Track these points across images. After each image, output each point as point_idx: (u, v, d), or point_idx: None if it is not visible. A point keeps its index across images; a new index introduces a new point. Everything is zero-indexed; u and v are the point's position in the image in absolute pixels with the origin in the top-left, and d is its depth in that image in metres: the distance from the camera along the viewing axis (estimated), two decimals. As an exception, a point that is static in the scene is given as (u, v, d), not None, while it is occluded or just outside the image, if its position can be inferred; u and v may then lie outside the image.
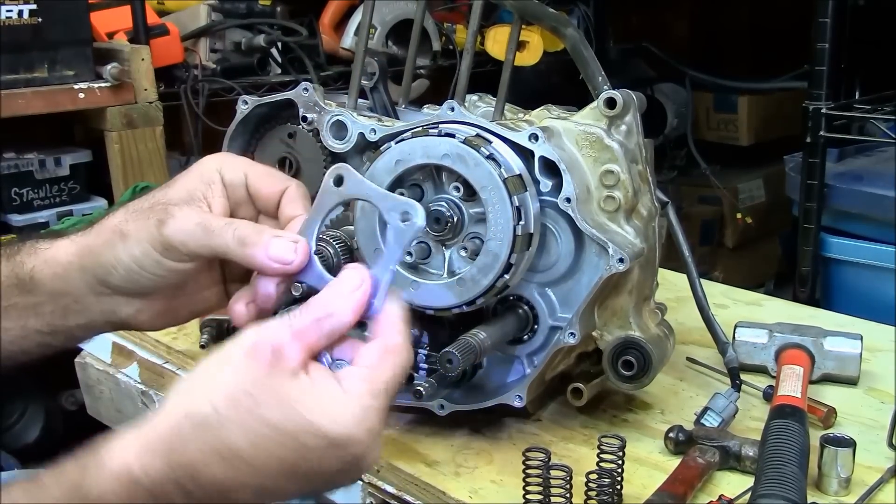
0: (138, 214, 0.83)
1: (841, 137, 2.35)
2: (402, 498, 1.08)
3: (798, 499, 0.91)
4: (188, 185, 0.84)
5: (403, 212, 0.80)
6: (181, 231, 0.80)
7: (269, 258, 0.79)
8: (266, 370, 0.67)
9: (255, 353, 0.67)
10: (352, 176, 0.84)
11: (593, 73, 1.24)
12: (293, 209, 0.86)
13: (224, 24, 2.78)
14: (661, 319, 1.18)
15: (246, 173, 0.86)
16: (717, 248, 3.81)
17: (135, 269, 0.82)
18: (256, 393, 0.66)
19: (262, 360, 0.67)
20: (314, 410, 0.66)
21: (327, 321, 0.72)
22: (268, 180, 0.87)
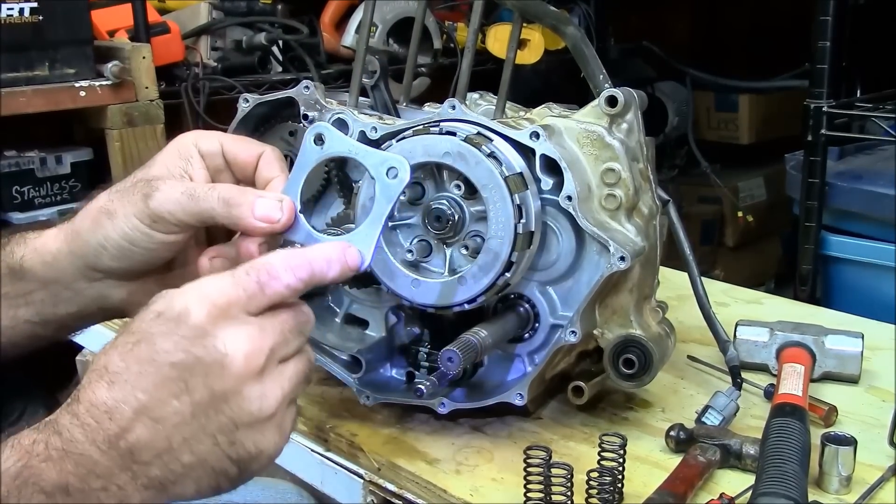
0: (122, 193, 0.84)
1: (842, 136, 2.35)
2: (403, 496, 1.08)
3: (799, 497, 0.91)
4: (167, 161, 0.86)
5: (390, 167, 0.82)
6: (168, 201, 0.82)
7: (255, 218, 0.81)
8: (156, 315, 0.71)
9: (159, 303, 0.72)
10: (332, 133, 0.85)
11: (594, 71, 1.24)
12: (270, 171, 0.88)
13: (225, 22, 2.78)
14: (661, 318, 1.18)
15: (221, 142, 0.88)
16: (717, 247, 3.81)
17: (125, 246, 0.83)
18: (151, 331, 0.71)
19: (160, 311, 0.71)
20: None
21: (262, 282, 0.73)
22: (243, 146, 0.89)
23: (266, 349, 0.71)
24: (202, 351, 0.69)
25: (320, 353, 1.19)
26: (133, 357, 0.70)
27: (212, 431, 0.70)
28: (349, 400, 1.21)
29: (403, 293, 1.08)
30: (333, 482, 1.16)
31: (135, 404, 0.69)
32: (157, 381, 0.69)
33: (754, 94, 3.79)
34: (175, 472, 0.70)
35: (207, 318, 0.70)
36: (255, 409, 0.71)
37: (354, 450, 1.14)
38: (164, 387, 0.69)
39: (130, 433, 0.69)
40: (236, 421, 0.71)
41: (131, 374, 0.69)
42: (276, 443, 0.74)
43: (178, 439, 0.69)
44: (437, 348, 1.13)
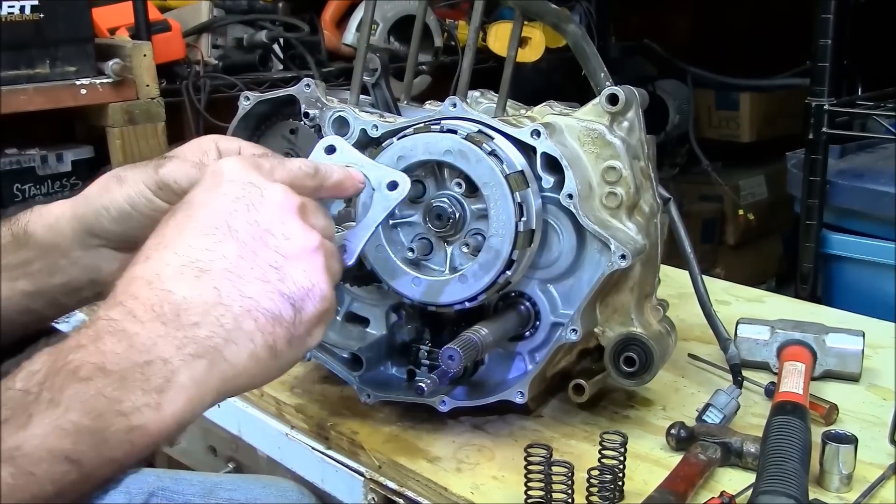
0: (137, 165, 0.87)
1: (843, 134, 2.35)
2: (404, 494, 1.08)
3: (799, 495, 0.91)
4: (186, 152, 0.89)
5: (391, 181, 0.88)
6: (177, 170, 0.83)
7: None
8: None
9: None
10: (343, 146, 0.90)
11: (595, 69, 1.24)
12: None
13: (226, 20, 2.78)
14: (662, 316, 1.18)
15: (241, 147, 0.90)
16: (718, 245, 3.81)
17: (126, 209, 0.85)
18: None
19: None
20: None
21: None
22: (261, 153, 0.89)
23: (298, 199, 0.72)
24: (239, 190, 0.69)
25: (321, 351, 1.19)
26: (170, 226, 0.69)
27: (260, 268, 0.68)
28: (350, 398, 1.21)
29: (404, 291, 1.08)
30: (334, 480, 1.16)
31: (176, 262, 0.66)
32: (197, 232, 0.68)
33: (755, 93, 3.78)
34: (226, 327, 0.66)
35: (241, 168, 0.71)
36: (301, 238, 0.70)
37: (355, 448, 1.14)
38: (207, 235, 0.68)
39: (174, 292, 0.65)
40: (283, 251, 0.69)
41: (169, 239, 0.68)
42: (325, 279, 0.71)
43: (226, 286, 0.66)
44: (437, 346, 1.13)
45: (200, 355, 0.65)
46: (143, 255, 0.68)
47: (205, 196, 0.71)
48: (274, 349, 0.68)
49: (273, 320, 0.68)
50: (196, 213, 0.69)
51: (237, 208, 0.69)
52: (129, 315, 0.64)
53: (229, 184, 0.71)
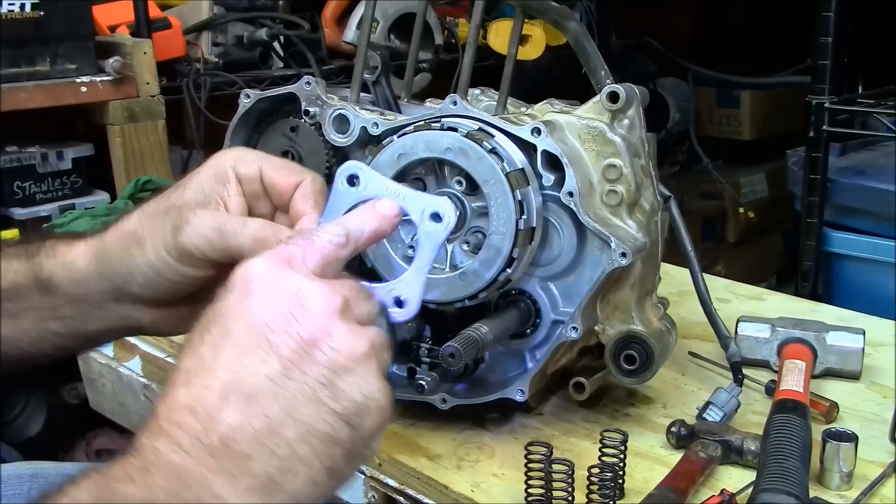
0: (153, 219, 0.81)
1: (843, 132, 2.35)
2: (404, 491, 1.08)
3: (800, 493, 0.91)
4: (203, 184, 0.82)
5: (433, 212, 0.75)
6: (196, 236, 0.78)
7: None
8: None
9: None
10: (368, 175, 0.77)
11: (596, 67, 1.23)
12: (304, 205, 0.82)
13: (226, 17, 2.78)
14: (663, 314, 1.18)
15: (261, 167, 0.83)
16: (719, 243, 3.81)
17: (152, 277, 0.81)
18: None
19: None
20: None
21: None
22: (283, 173, 0.83)
23: (340, 296, 0.65)
24: (277, 299, 0.63)
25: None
26: (206, 344, 0.63)
27: (310, 386, 0.62)
28: (350, 396, 1.21)
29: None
30: (335, 478, 1.16)
31: (218, 387, 0.61)
32: (237, 352, 0.62)
33: (756, 91, 3.78)
34: (280, 457, 0.61)
35: (272, 268, 0.64)
36: (348, 346, 0.64)
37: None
38: (247, 355, 0.62)
39: (220, 422, 0.60)
40: (332, 365, 0.63)
41: (207, 360, 0.62)
42: (380, 388, 0.65)
43: (275, 410, 0.61)
44: (438, 344, 1.12)
45: (256, 489, 0.61)
46: (183, 378, 0.63)
47: (238, 308, 0.64)
48: (332, 470, 0.63)
49: (329, 442, 0.62)
50: (232, 329, 0.63)
51: (276, 320, 0.63)
52: (176, 446, 0.60)
53: (263, 292, 0.64)
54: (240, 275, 0.65)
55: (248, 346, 0.62)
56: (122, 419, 1.54)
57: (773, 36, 3.71)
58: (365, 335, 0.65)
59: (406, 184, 1.04)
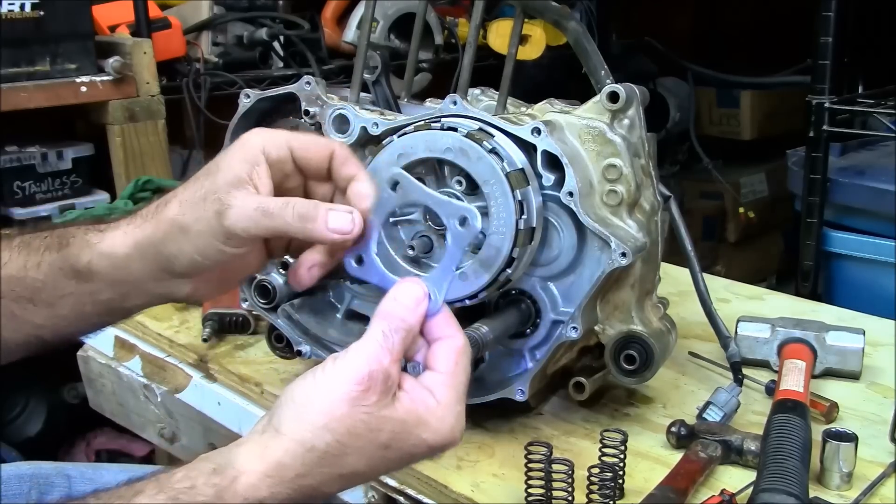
0: (194, 206, 0.84)
1: (844, 132, 2.35)
2: (404, 492, 1.08)
3: (800, 493, 0.91)
4: (234, 167, 0.85)
5: (461, 217, 0.84)
6: (242, 218, 0.82)
7: (328, 230, 0.83)
8: (377, 400, 0.74)
9: (370, 385, 0.74)
10: (407, 181, 0.88)
11: (596, 67, 1.24)
12: (348, 170, 0.87)
13: (226, 17, 2.78)
14: (663, 314, 1.18)
15: (290, 147, 0.87)
16: (719, 243, 3.80)
17: (197, 259, 0.85)
18: (373, 423, 0.74)
19: (376, 391, 0.74)
20: (420, 426, 0.76)
21: (407, 336, 0.78)
22: (314, 148, 0.88)
23: (455, 433, 0.78)
24: (388, 438, 0.76)
25: (321, 348, 1.19)
26: (317, 466, 0.75)
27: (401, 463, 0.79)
28: (350, 395, 1.21)
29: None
30: (334, 478, 1.16)
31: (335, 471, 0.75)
32: (349, 478, 0.76)
33: (756, 90, 3.78)
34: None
35: (445, 438, 0.77)
36: (446, 448, 0.79)
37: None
38: (364, 456, 0.75)
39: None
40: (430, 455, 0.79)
41: (318, 480, 0.75)
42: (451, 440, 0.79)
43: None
44: (438, 344, 1.12)
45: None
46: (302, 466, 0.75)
47: (354, 452, 0.75)
48: None
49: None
50: (346, 465, 0.75)
51: (390, 456, 0.77)
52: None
53: (375, 433, 0.75)
54: (421, 441, 0.77)
55: (360, 475, 0.77)
56: (122, 419, 1.54)
57: (773, 36, 3.70)
58: (458, 434, 0.78)
59: None
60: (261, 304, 1.21)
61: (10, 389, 2.44)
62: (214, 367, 1.36)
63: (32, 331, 0.89)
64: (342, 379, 0.74)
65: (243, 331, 1.44)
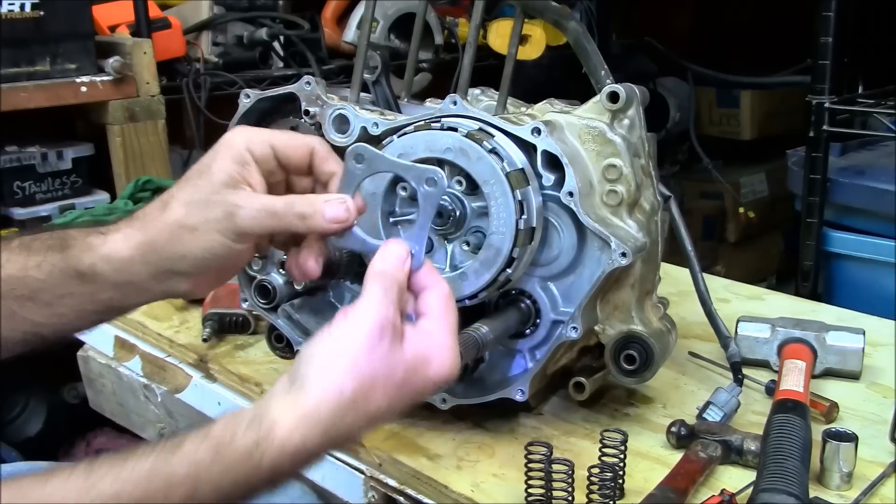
0: (199, 208, 0.88)
1: (844, 132, 2.35)
2: (404, 491, 1.08)
3: (800, 493, 0.91)
4: (226, 169, 0.89)
5: (428, 178, 0.89)
6: (251, 220, 0.88)
7: (327, 222, 0.89)
8: (390, 345, 0.82)
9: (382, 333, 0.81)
10: (371, 153, 0.91)
11: (596, 67, 1.23)
12: (329, 166, 0.93)
13: (226, 17, 2.78)
14: (663, 314, 1.18)
15: (272, 145, 0.91)
16: (719, 243, 3.80)
17: (204, 257, 0.89)
18: (389, 365, 0.81)
19: (387, 337, 0.82)
20: (426, 365, 0.83)
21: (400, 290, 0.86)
22: (293, 144, 0.93)
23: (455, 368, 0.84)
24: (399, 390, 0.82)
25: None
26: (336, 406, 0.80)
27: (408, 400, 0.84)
28: (350, 395, 1.21)
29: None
30: (334, 478, 1.16)
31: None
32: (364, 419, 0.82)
33: (756, 90, 3.77)
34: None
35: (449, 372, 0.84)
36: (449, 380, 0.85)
37: (356, 445, 1.14)
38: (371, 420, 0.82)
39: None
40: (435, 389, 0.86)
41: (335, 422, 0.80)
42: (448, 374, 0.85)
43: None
44: (438, 344, 1.12)
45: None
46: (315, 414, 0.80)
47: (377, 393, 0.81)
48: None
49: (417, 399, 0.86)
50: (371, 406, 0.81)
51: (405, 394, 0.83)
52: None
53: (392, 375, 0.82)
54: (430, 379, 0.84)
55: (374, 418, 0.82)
56: (122, 419, 1.54)
57: (773, 36, 3.70)
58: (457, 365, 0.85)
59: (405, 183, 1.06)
60: (261, 305, 1.22)
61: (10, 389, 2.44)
62: (214, 367, 1.36)
63: (31, 328, 0.91)
64: (358, 332, 0.81)
65: (243, 331, 1.44)
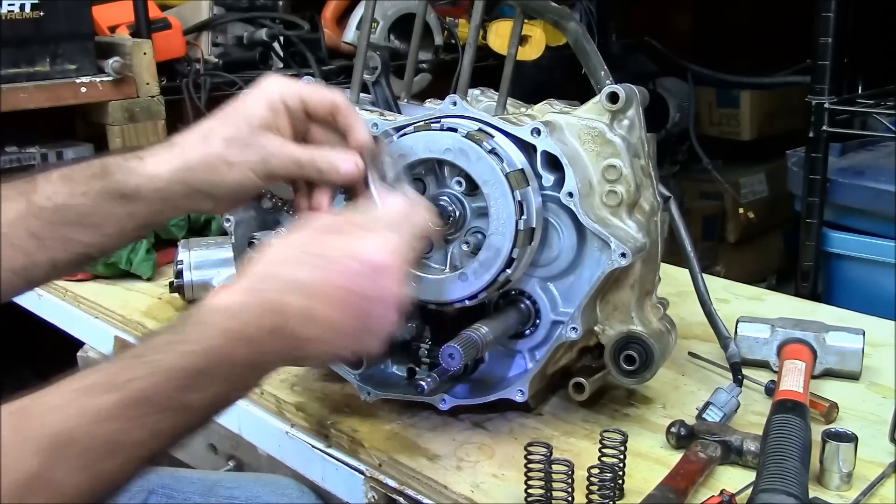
0: (238, 147, 0.99)
1: (843, 132, 2.35)
2: (404, 492, 1.08)
3: (799, 494, 0.91)
4: (259, 112, 0.99)
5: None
6: (280, 167, 0.99)
7: (341, 175, 1.00)
8: (324, 228, 0.89)
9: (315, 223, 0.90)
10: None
11: (595, 67, 1.23)
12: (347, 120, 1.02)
13: (226, 17, 2.78)
14: (662, 314, 1.18)
15: (302, 97, 1.01)
16: (719, 243, 3.80)
17: (235, 188, 1.00)
18: (319, 239, 0.88)
19: (320, 224, 0.90)
20: (359, 243, 0.87)
21: None
22: (319, 98, 1.02)
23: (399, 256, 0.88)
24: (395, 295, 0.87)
25: (321, 349, 1.19)
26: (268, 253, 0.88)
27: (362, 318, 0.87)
28: (350, 396, 1.21)
29: (404, 289, 1.08)
30: (335, 478, 1.16)
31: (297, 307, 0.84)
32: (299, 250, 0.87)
33: (756, 90, 3.77)
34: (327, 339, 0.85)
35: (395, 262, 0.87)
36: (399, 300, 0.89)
37: (356, 446, 1.14)
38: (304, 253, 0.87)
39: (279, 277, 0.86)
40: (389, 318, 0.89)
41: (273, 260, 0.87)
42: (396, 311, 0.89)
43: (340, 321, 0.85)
44: (438, 344, 1.12)
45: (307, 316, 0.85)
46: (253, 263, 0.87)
47: (303, 265, 0.85)
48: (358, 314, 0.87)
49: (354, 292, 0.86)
50: (297, 277, 0.85)
51: (327, 265, 0.86)
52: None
53: (308, 244, 0.87)
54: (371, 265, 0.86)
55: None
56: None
57: (773, 36, 3.70)
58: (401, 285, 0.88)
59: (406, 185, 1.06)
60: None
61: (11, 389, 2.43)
62: (214, 368, 1.36)
63: (82, 250, 1.01)
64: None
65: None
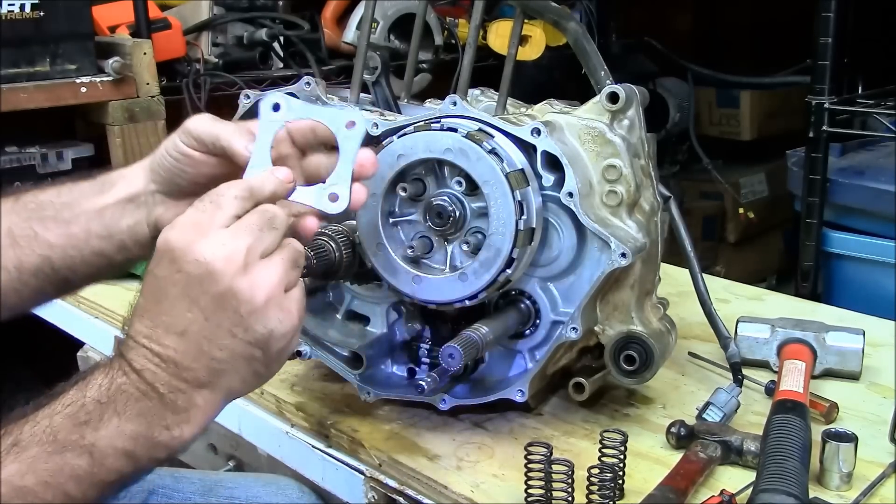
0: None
1: (843, 132, 2.35)
2: (404, 492, 1.08)
3: (799, 494, 0.91)
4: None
5: (348, 121, 0.89)
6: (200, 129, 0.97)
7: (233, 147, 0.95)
8: None
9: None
10: (288, 102, 0.91)
11: (595, 67, 1.24)
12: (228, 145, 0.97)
13: (226, 17, 2.78)
14: (662, 314, 1.18)
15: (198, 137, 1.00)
16: (719, 243, 3.80)
17: (166, 157, 1.01)
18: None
19: None
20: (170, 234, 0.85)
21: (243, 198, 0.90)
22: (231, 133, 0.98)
23: (242, 249, 0.83)
24: (190, 267, 0.83)
25: (321, 349, 1.19)
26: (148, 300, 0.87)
27: (227, 326, 0.84)
28: (350, 396, 1.21)
29: (404, 289, 1.08)
30: (335, 478, 1.16)
31: (162, 326, 0.85)
32: (169, 305, 0.84)
33: (756, 90, 3.77)
34: (215, 367, 0.85)
35: (184, 241, 0.83)
36: (249, 297, 0.83)
37: (356, 446, 1.14)
38: (177, 306, 0.84)
39: (168, 348, 0.84)
40: (240, 311, 0.83)
41: (150, 309, 0.86)
42: (280, 319, 0.85)
43: (204, 342, 0.84)
44: (438, 345, 1.13)
45: (205, 385, 0.85)
46: (138, 314, 0.87)
47: (162, 272, 0.85)
48: (257, 373, 0.88)
49: (249, 359, 0.86)
50: (163, 287, 0.85)
51: (191, 284, 0.84)
52: (148, 360, 0.86)
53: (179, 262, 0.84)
54: (161, 246, 0.85)
55: (176, 299, 0.85)
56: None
57: (773, 36, 3.70)
58: (266, 277, 0.84)
59: (405, 184, 1.05)
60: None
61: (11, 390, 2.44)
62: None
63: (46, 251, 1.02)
64: None
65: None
